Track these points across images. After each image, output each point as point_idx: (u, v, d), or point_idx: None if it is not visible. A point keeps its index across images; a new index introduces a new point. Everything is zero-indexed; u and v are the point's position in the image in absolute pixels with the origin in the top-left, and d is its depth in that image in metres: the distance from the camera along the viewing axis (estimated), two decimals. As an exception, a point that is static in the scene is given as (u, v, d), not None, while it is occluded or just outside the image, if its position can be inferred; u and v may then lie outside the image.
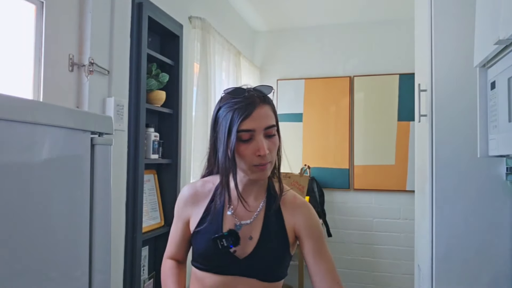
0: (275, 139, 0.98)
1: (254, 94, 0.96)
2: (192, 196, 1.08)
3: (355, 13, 3.32)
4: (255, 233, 0.99)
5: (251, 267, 0.98)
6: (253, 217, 1.01)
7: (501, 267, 1.49)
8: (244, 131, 0.92)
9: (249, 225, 1.00)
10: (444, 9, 1.59)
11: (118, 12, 1.69)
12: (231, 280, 0.98)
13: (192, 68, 2.38)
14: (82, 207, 0.90)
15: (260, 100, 0.95)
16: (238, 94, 0.95)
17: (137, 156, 1.80)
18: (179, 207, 1.10)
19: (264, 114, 0.95)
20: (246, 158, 0.94)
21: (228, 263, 0.98)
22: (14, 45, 1.32)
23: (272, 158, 0.97)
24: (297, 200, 1.06)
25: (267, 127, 0.95)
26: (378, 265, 3.37)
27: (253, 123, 0.92)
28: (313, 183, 3.37)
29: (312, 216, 1.04)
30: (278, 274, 1.01)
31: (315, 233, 1.02)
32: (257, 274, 0.98)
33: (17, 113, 0.71)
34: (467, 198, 1.53)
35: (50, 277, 0.80)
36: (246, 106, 0.92)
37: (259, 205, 1.03)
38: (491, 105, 1.18)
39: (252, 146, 0.93)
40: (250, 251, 0.98)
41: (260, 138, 0.93)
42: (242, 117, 0.91)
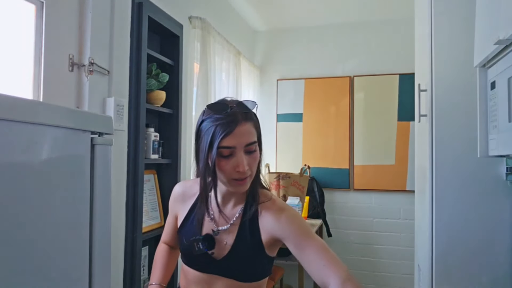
0: (255, 155, 1.00)
1: (237, 110, 0.97)
2: (181, 194, 1.15)
3: (355, 13, 3.32)
4: (230, 239, 1.05)
5: (227, 268, 1.04)
6: (230, 224, 1.06)
7: (501, 267, 1.49)
8: (225, 147, 0.95)
9: (226, 231, 1.06)
10: (444, 9, 1.59)
11: (118, 12, 1.69)
12: (210, 277, 1.05)
13: (192, 68, 2.39)
14: (82, 207, 0.90)
15: (242, 117, 0.97)
16: (220, 110, 0.97)
17: (137, 156, 1.80)
18: (171, 202, 1.20)
19: (246, 131, 0.96)
20: (225, 173, 0.97)
21: (207, 263, 1.05)
22: (14, 45, 1.32)
23: (251, 172, 1.00)
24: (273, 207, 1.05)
25: (247, 144, 0.97)
26: (378, 265, 3.37)
27: (233, 141, 0.94)
28: (313, 183, 3.37)
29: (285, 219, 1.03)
30: (255, 275, 1.06)
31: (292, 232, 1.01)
32: (233, 275, 1.04)
33: (17, 113, 0.71)
34: (467, 198, 1.53)
35: (50, 277, 0.80)
36: (228, 123, 0.94)
37: (236, 212, 1.07)
38: (491, 105, 1.18)
39: (232, 162, 0.96)
40: (225, 254, 1.04)
41: (240, 155, 0.96)
42: (224, 134, 0.93)
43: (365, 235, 3.41)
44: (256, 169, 1.03)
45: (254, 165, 1.00)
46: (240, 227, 1.05)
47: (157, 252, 1.26)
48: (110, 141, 0.97)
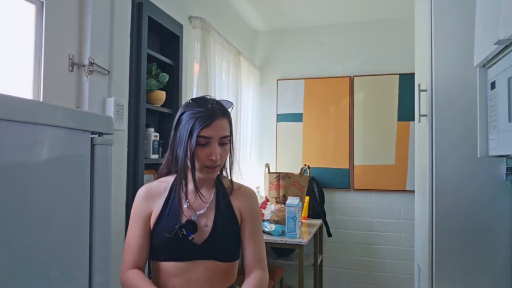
0: (227, 147, 1.15)
1: (216, 106, 1.12)
2: (149, 193, 1.20)
3: (355, 13, 3.32)
4: (209, 221, 1.16)
5: (208, 250, 1.13)
6: (206, 207, 1.17)
7: (501, 267, 1.49)
8: (203, 137, 1.09)
9: (203, 214, 1.16)
10: (444, 9, 1.59)
11: (118, 12, 1.68)
12: (191, 264, 1.12)
13: (192, 68, 2.38)
14: (82, 207, 0.90)
15: (220, 113, 1.12)
16: (202, 104, 1.11)
17: (137, 156, 1.79)
18: (137, 205, 1.19)
19: (221, 125, 1.11)
20: (200, 160, 1.11)
21: (188, 249, 1.12)
22: (14, 45, 1.32)
23: (221, 162, 1.15)
24: (242, 188, 1.26)
25: (222, 137, 1.12)
26: (378, 265, 3.37)
27: (211, 132, 1.09)
28: (313, 183, 3.37)
29: (254, 202, 1.25)
30: (232, 255, 1.18)
31: (253, 216, 1.22)
32: (214, 256, 1.14)
33: (17, 113, 0.71)
34: (467, 198, 1.54)
35: (50, 277, 0.80)
36: (208, 116, 1.09)
37: (210, 196, 1.20)
38: (491, 105, 1.19)
39: (207, 150, 1.10)
40: (206, 237, 1.13)
41: (215, 146, 1.10)
42: (203, 125, 1.08)
43: (365, 235, 3.41)
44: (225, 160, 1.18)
45: (224, 156, 1.15)
46: (217, 209, 1.17)
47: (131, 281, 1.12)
48: (110, 141, 0.97)
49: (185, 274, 1.12)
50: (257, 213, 1.24)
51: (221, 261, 1.15)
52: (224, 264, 1.15)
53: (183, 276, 1.12)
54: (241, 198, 1.22)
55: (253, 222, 1.21)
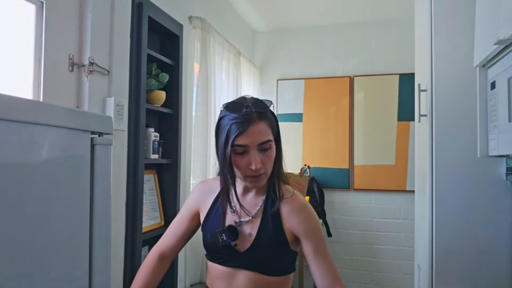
0: (270, 153, 1.04)
1: (252, 109, 1.01)
2: (204, 190, 1.19)
3: (355, 13, 3.32)
4: (253, 230, 1.08)
5: (250, 260, 1.06)
6: (252, 215, 1.09)
7: (501, 267, 1.49)
8: (238, 145, 1.00)
9: (248, 222, 1.09)
10: (444, 9, 1.59)
11: (118, 12, 1.68)
12: (234, 271, 1.08)
13: (192, 68, 2.38)
14: (82, 207, 0.90)
15: (257, 117, 1.01)
16: (236, 109, 1.02)
17: (137, 156, 1.79)
18: (193, 197, 1.21)
19: (259, 130, 1.01)
20: (240, 169, 1.03)
21: (230, 256, 1.08)
22: (14, 45, 1.32)
23: (266, 169, 1.04)
24: (296, 203, 1.10)
25: (261, 143, 1.01)
26: (378, 265, 3.37)
27: (246, 139, 1.00)
28: (313, 183, 3.37)
29: (310, 218, 1.09)
30: (278, 269, 1.08)
31: (313, 234, 1.07)
32: (257, 267, 1.06)
33: (17, 113, 0.71)
34: (467, 198, 1.53)
35: (50, 277, 0.80)
36: (242, 123, 0.99)
37: (258, 203, 1.11)
38: (491, 105, 1.19)
39: (246, 159, 1.01)
40: (248, 246, 1.06)
41: (254, 153, 1.01)
42: (237, 133, 0.99)
43: (365, 235, 3.41)
44: (274, 165, 1.07)
45: (268, 163, 1.04)
46: (263, 219, 1.08)
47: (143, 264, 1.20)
48: (110, 141, 0.97)
49: (227, 279, 1.09)
50: (315, 227, 1.08)
51: (265, 274, 1.06)
52: (269, 278, 1.07)
53: (225, 281, 1.09)
54: (293, 211, 1.08)
55: (313, 238, 1.06)
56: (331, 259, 1.07)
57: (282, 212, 1.08)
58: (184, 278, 2.28)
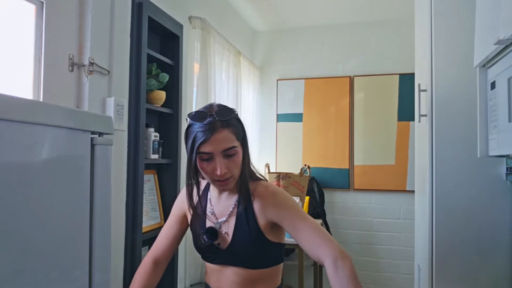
0: (235, 158, 1.09)
1: (215, 118, 1.05)
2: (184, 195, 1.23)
3: (355, 13, 3.32)
4: (229, 228, 1.15)
5: (233, 256, 1.14)
6: (227, 215, 1.16)
7: (501, 267, 1.49)
8: (203, 153, 1.06)
9: (225, 222, 1.16)
10: (444, 9, 1.59)
11: (118, 12, 1.68)
12: (221, 267, 1.16)
13: (192, 68, 2.38)
14: (82, 207, 0.90)
15: (220, 125, 1.05)
16: (200, 118, 1.07)
17: (137, 156, 1.79)
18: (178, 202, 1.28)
19: (222, 138, 1.05)
20: (208, 174, 1.09)
21: (216, 254, 1.16)
22: (14, 45, 1.32)
23: (233, 173, 1.09)
24: (266, 193, 1.15)
25: (224, 149, 1.06)
26: (378, 265, 3.37)
27: (210, 147, 1.04)
28: (313, 183, 3.37)
29: (281, 200, 1.14)
30: (262, 262, 1.14)
31: (287, 212, 1.11)
32: (240, 262, 1.13)
33: (17, 113, 0.71)
34: (467, 198, 1.53)
35: (50, 277, 0.80)
36: (206, 131, 1.04)
37: (231, 204, 1.17)
38: (491, 105, 1.19)
39: (212, 165, 1.07)
40: (227, 244, 1.14)
41: (218, 160, 1.06)
42: (201, 140, 1.04)
43: (365, 235, 3.41)
44: (242, 168, 1.12)
45: (234, 168, 1.09)
46: (237, 217, 1.14)
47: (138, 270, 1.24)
48: (110, 141, 0.97)
49: (217, 275, 1.18)
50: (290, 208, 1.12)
51: (249, 268, 1.12)
52: (254, 271, 1.13)
53: (216, 276, 1.18)
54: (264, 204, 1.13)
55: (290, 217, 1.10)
56: (314, 225, 1.09)
57: (255, 207, 1.14)
58: (184, 278, 2.28)
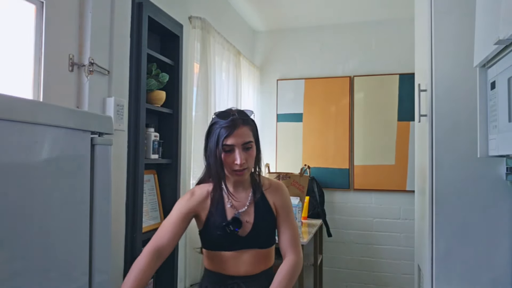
0: (251, 151, 1.30)
1: (237, 117, 1.28)
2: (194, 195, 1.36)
3: (355, 13, 3.32)
4: (250, 217, 1.34)
5: (251, 241, 1.32)
6: (247, 205, 1.35)
7: (501, 267, 1.49)
8: (227, 145, 1.26)
9: (245, 212, 1.34)
10: (444, 9, 1.59)
11: (118, 12, 1.68)
12: (238, 253, 1.32)
13: (192, 68, 2.38)
14: (82, 207, 0.90)
15: (241, 122, 1.28)
16: (224, 117, 1.28)
17: (137, 156, 1.79)
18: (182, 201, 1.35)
19: (243, 133, 1.27)
20: (227, 165, 1.28)
21: (234, 242, 1.31)
22: (14, 45, 1.32)
23: (248, 165, 1.30)
24: (273, 183, 1.44)
25: (244, 143, 1.27)
26: (378, 265, 3.37)
27: (233, 140, 1.25)
28: (313, 183, 3.37)
29: (286, 195, 1.43)
30: (270, 242, 1.38)
31: (286, 208, 1.41)
32: (257, 245, 1.33)
33: (17, 113, 0.71)
34: (467, 198, 1.53)
35: (50, 277, 0.80)
36: (229, 127, 1.26)
37: (248, 195, 1.37)
38: (491, 105, 1.19)
39: (232, 156, 1.27)
40: (248, 230, 1.32)
41: (239, 151, 1.26)
42: (225, 134, 1.25)
43: (365, 235, 3.41)
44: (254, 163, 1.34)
45: (250, 159, 1.30)
46: (256, 206, 1.35)
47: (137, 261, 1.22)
48: (110, 141, 0.97)
49: (234, 260, 1.32)
50: (288, 204, 1.42)
51: (262, 248, 1.35)
52: (264, 250, 1.35)
53: (232, 262, 1.32)
54: (273, 193, 1.40)
55: (286, 212, 1.39)
56: (296, 230, 1.40)
57: (267, 196, 1.38)
58: (184, 278, 2.28)
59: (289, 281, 1.28)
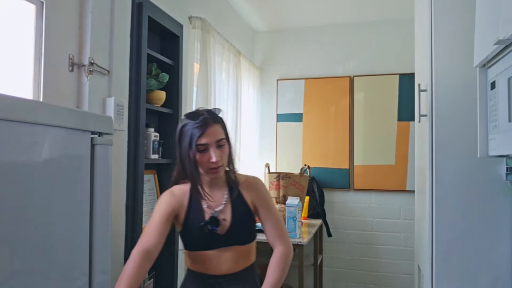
0: (224, 148, 1.31)
1: (207, 116, 1.28)
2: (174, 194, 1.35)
3: (355, 13, 3.32)
4: (227, 215, 1.33)
5: (231, 239, 1.32)
6: (223, 204, 1.35)
7: (501, 267, 1.49)
8: (200, 145, 1.25)
9: (222, 210, 1.33)
10: (444, 9, 1.59)
11: (118, 12, 1.69)
12: (218, 251, 1.31)
13: (192, 68, 2.38)
14: (82, 207, 0.90)
15: (212, 121, 1.28)
16: (194, 117, 1.28)
17: (137, 156, 1.79)
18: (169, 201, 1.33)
19: (214, 131, 1.28)
20: (203, 164, 1.28)
21: (214, 240, 1.30)
22: (14, 45, 1.32)
23: (223, 162, 1.31)
24: (249, 179, 1.43)
25: (217, 140, 1.28)
26: (378, 265, 3.37)
27: (206, 139, 1.26)
28: (313, 183, 3.37)
29: (263, 190, 1.43)
30: (250, 238, 1.38)
31: (264, 200, 1.40)
32: (236, 242, 1.33)
33: (17, 113, 0.71)
34: (467, 198, 1.53)
35: (50, 277, 0.80)
36: (201, 126, 1.26)
37: (224, 194, 1.36)
38: (491, 105, 1.19)
39: (207, 155, 1.27)
40: (227, 228, 1.31)
41: (213, 149, 1.27)
42: (198, 134, 1.25)
43: (365, 235, 3.41)
44: (228, 160, 1.34)
45: (224, 156, 1.30)
46: (232, 204, 1.35)
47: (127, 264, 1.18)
48: (110, 141, 0.97)
49: (216, 259, 1.32)
50: (266, 196, 1.42)
51: (242, 244, 1.34)
52: (245, 247, 1.35)
53: (214, 260, 1.32)
54: (249, 189, 1.39)
55: (265, 205, 1.39)
56: (281, 220, 1.40)
57: (243, 193, 1.38)
58: (184, 278, 2.28)
59: (282, 272, 1.30)
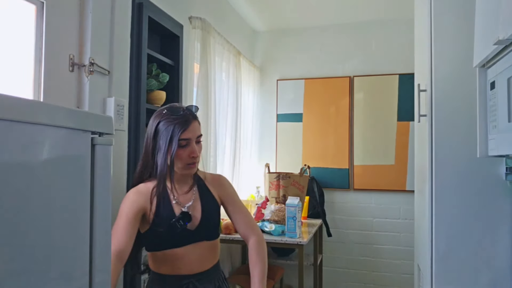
0: (201, 144, 1.36)
1: (187, 112, 1.31)
2: (140, 193, 1.32)
3: (355, 13, 3.32)
4: (196, 210, 1.35)
5: (201, 233, 1.34)
6: (192, 199, 1.37)
7: (500, 267, 1.49)
8: (184, 139, 1.27)
9: (191, 206, 1.35)
10: (444, 9, 1.59)
11: (118, 12, 1.69)
12: (187, 248, 1.31)
13: (192, 68, 2.39)
14: (82, 207, 0.90)
15: (192, 117, 1.31)
16: (176, 112, 1.29)
17: (137, 156, 1.79)
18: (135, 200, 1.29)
19: (195, 127, 1.31)
20: (182, 160, 1.29)
21: (184, 236, 1.31)
22: (15, 45, 1.32)
23: (200, 157, 1.35)
24: (214, 176, 1.49)
25: (198, 136, 1.32)
26: (378, 265, 3.37)
27: (189, 134, 1.28)
28: (313, 183, 3.37)
29: (227, 184, 1.48)
30: (217, 233, 1.41)
31: (230, 195, 1.46)
32: (205, 237, 1.35)
33: (17, 113, 0.72)
34: (467, 198, 1.54)
35: (50, 277, 0.80)
36: (183, 122, 1.27)
37: (192, 189, 1.38)
38: (490, 105, 1.19)
39: (188, 150, 1.29)
40: (197, 223, 1.33)
41: (194, 144, 1.30)
42: (183, 129, 1.26)
43: (365, 235, 3.41)
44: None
45: (201, 152, 1.35)
46: (201, 199, 1.38)
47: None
48: (110, 141, 0.97)
49: (186, 257, 1.31)
50: (232, 191, 1.48)
51: (210, 239, 1.37)
52: (213, 242, 1.38)
53: (185, 259, 1.31)
54: (215, 185, 1.44)
55: (232, 200, 1.45)
56: (247, 212, 1.46)
57: (210, 188, 1.42)
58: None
59: (263, 260, 1.37)
